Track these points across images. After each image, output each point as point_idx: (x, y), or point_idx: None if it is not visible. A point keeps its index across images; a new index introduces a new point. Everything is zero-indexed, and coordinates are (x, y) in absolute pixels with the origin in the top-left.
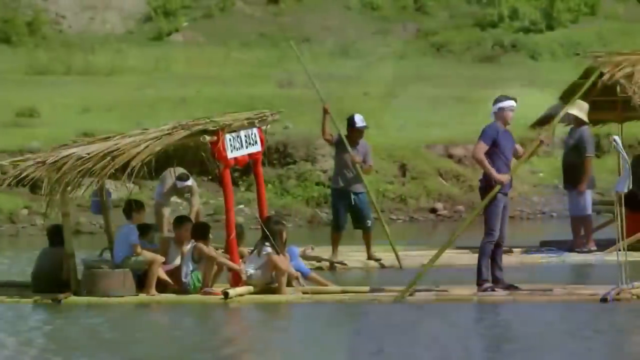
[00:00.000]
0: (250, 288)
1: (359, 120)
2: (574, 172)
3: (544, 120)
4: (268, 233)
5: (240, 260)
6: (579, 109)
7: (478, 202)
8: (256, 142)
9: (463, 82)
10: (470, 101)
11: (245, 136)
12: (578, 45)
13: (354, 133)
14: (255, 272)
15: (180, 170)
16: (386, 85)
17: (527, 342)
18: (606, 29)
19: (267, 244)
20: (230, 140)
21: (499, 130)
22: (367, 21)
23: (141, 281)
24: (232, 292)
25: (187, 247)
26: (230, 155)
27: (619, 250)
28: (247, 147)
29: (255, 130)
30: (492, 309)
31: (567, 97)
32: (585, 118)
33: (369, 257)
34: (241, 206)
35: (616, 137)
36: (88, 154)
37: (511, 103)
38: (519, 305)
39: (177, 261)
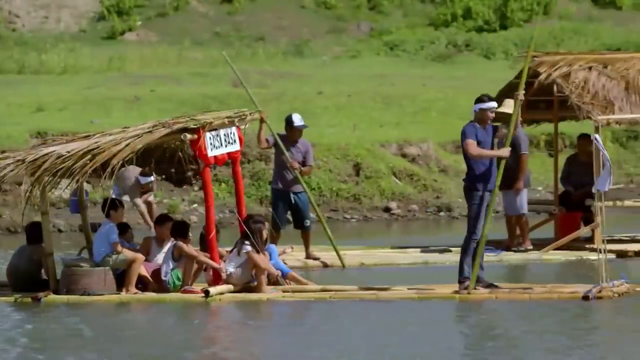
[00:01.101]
0: (231, 286)
1: (297, 120)
2: (509, 171)
3: None
4: (248, 232)
5: (220, 259)
6: (510, 107)
7: (432, 202)
8: (235, 141)
9: (417, 81)
10: (424, 100)
11: (225, 135)
12: None
13: (293, 132)
14: (235, 270)
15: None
16: (340, 84)
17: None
18: (560, 28)
19: (247, 242)
20: (210, 138)
21: (477, 128)
22: (321, 20)
23: (120, 279)
24: (213, 290)
25: (168, 246)
26: (210, 153)
27: (599, 249)
28: (226, 146)
29: (234, 129)
30: (473, 306)
31: (501, 97)
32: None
33: (308, 256)
34: (195, 205)
35: (597, 136)
36: (68, 152)
37: (493, 104)
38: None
39: (159, 260)
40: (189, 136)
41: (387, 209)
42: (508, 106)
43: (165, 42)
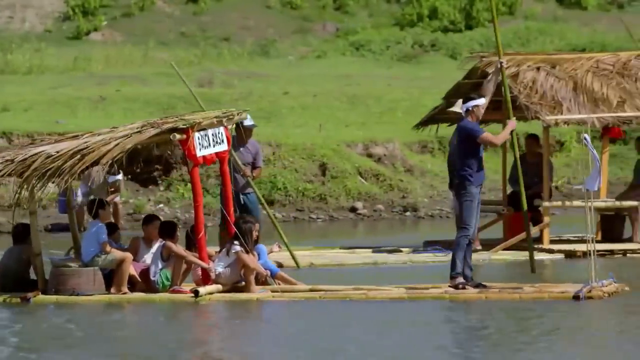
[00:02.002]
0: (220, 286)
1: (247, 120)
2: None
3: (428, 121)
4: (238, 232)
5: (209, 259)
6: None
7: (397, 202)
8: (223, 141)
9: (382, 82)
10: (389, 100)
11: (213, 135)
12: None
13: (244, 132)
14: (224, 270)
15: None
16: (306, 84)
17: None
18: (525, 28)
19: (236, 242)
20: (199, 138)
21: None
22: (287, 20)
23: (109, 279)
24: (202, 290)
25: (156, 246)
26: (199, 153)
27: (589, 249)
28: (214, 146)
29: (222, 129)
30: (463, 306)
31: (450, 97)
32: None
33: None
34: (161, 205)
35: (586, 135)
36: (57, 152)
37: (484, 100)
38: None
39: (147, 260)
40: (178, 136)
41: (353, 209)
42: (458, 106)
43: (131, 42)
